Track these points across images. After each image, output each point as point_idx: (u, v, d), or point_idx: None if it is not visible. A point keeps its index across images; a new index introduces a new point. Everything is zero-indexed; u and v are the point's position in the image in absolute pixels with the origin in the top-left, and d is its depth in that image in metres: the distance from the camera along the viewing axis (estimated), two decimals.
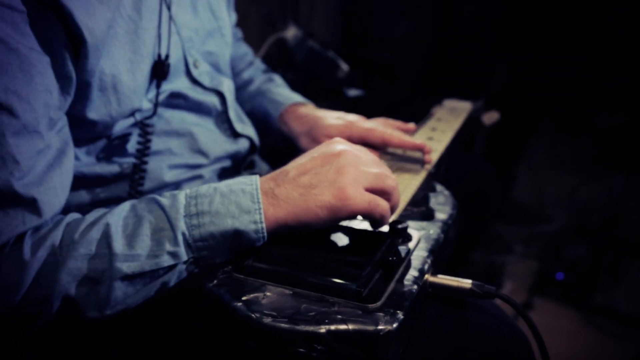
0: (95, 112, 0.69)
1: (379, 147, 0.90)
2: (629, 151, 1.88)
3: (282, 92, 1.05)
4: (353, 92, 1.49)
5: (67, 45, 0.62)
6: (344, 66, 1.45)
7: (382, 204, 0.62)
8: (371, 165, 0.63)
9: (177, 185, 0.82)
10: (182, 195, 0.62)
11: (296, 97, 1.04)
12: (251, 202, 0.61)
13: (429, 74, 2.77)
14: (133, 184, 0.78)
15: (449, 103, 1.23)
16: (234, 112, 0.92)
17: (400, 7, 3.46)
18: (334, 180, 0.61)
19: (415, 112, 1.16)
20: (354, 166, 0.62)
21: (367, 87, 1.52)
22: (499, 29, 1.88)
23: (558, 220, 2.31)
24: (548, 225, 2.27)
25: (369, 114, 0.98)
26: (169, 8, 0.77)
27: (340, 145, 0.66)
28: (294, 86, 1.17)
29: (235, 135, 0.91)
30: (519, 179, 2.41)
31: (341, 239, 0.66)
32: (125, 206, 0.63)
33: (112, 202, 0.77)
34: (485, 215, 1.16)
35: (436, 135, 1.01)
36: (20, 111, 0.57)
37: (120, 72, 0.69)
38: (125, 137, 0.77)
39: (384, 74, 1.92)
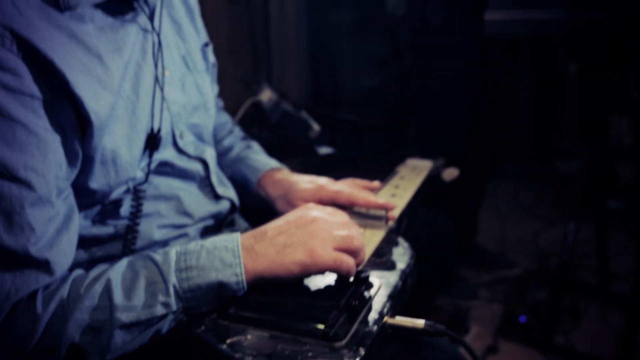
0: (96, 182, 0.79)
1: (347, 207, 1.01)
2: (579, 197, 2.02)
3: (259, 158, 1.16)
4: (324, 150, 1.61)
5: (76, 126, 0.73)
6: (316, 126, 1.58)
7: (348, 261, 0.73)
8: (341, 228, 0.75)
9: (165, 243, 0.92)
10: (173, 252, 0.72)
11: (272, 163, 1.15)
12: (233, 257, 0.71)
13: (394, 131, 2.91)
14: (126, 243, 0.87)
15: (412, 162, 1.35)
16: (216, 177, 1.03)
17: (366, 63, 3.65)
18: (306, 241, 0.72)
19: (381, 167, 1.28)
20: (324, 230, 0.73)
21: (337, 145, 1.65)
22: (462, 86, 2.01)
23: (521, 265, 2.43)
24: (511, 269, 2.39)
25: (340, 169, 1.09)
26: (161, 88, 0.88)
27: (314, 211, 0.77)
28: (269, 144, 1.29)
29: (217, 197, 1.02)
30: (484, 225, 2.54)
31: (312, 286, 0.76)
32: (123, 262, 0.72)
33: (107, 259, 0.86)
34: (446, 264, 1.27)
35: (398, 192, 1.13)
36: (37, 185, 0.67)
37: (119, 147, 0.80)
38: (119, 202, 0.86)
39: (352, 132, 2.04)
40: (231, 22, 2.28)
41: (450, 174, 1.37)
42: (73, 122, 0.72)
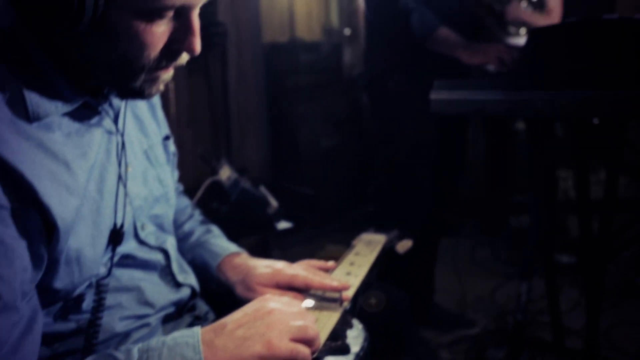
0: (60, 282, 0.82)
1: (303, 290, 1.06)
2: (529, 253, 2.10)
3: (219, 243, 1.20)
4: (282, 225, 1.67)
5: (42, 232, 0.76)
6: (274, 203, 1.64)
7: (304, 352, 0.77)
8: (297, 319, 0.79)
9: (126, 334, 0.94)
10: (135, 350, 0.75)
11: (232, 248, 1.19)
12: (193, 353, 0.74)
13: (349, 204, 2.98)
14: (88, 337, 0.89)
15: (366, 236, 1.41)
16: (177, 265, 1.06)
17: (326, 124, 3.76)
18: (263, 333, 0.76)
19: (339, 240, 1.33)
20: (281, 322, 0.78)
21: (296, 219, 1.70)
22: (419, 150, 2.09)
23: (480, 323, 2.49)
24: (471, 329, 2.44)
25: (298, 245, 1.14)
26: (124, 185, 0.93)
27: (271, 302, 0.82)
28: (229, 219, 1.33)
29: (177, 285, 1.05)
30: (442, 284, 2.60)
31: None
32: None
33: (69, 354, 0.88)
34: (402, 339, 1.32)
35: (353, 270, 1.18)
36: (3, 292, 0.70)
37: (84, 246, 0.83)
38: (81, 297, 0.89)
39: (310, 205, 2.11)
40: (191, 93, 2.34)
41: (404, 245, 1.43)
42: (40, 228, 0.76)
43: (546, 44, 1.30)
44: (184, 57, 0.86)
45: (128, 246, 0.96)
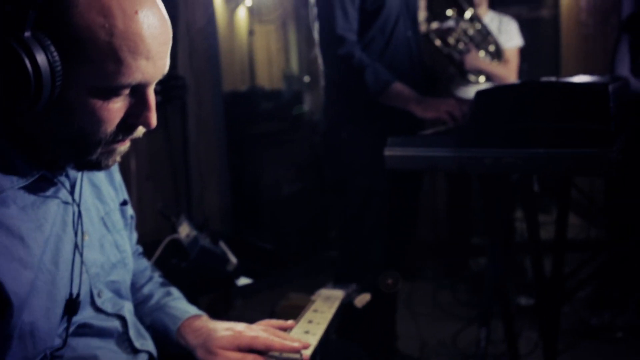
0: (12, 357, 0.81)
1: (264, 352, 1.07)
2: (486, 296, 2.14)
3: (179, 306, 1.20)
4: (242, 281, 1.67)
5: None
6: (233, 259, 1.64)
7: None
8: None
9: None
10: None
11: (192, 311, 1.20)
12: None
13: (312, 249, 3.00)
14: None
15: (325, 292, 1.43)
16: (134, 331, 1.06)
17: (287, 171, 3.79)
18: None
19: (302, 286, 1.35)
20: None
21: (256, 274, 1.71)
22: (375, 199, 2.13)
23: None
24: None
25: (260, 292, 1.16)
26: (81, 254, 0.93)
27: None
28: (188, 276, 1.33)
29: (135, 351, 1.05)
30: (404, 329, 2.61)
31: None
32: None
33: None
34: None
35: (312, 327, 1.20)
36: None
37: (38, 319, 0.83)
38: None
39: (270, 260, 2.12)
40: (150, 147, 2.35)
41: (362, 300, 1.45)
42: None
43: (492, 104, 1.37)
44: (140, 131, 0.89)
45: (84, 315, 0.95)
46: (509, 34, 3.32)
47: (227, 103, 3.66)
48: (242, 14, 5.65)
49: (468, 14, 3.16)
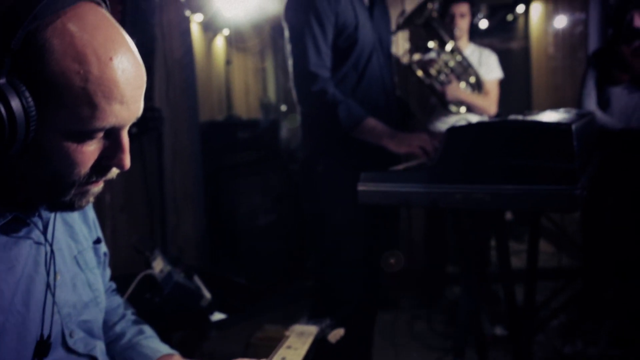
0: None
1: None
2: (461, 326, 2.16)
3: (151, 345, 1.20)
4: (216, 317, 1.67)
5: None
6: (207, 295, 1.64)
7: None
8: None
9: None
10: None
11: (164, 350, 1.19)
12: None
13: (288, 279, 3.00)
14: None
15: (298, 327, 1.43)
16: None
17: (264, 200, 3.79)
18: None
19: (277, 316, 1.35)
20: None
21: (230, 309, 1.71)
22: (351, 232, 2.14)
23: None
24: None
25: (236, 324, 1.15)
26: (53, 294, 0.93)
27: None
28: (162, 311, 1.33)
29: None
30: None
31: None
32: None
33: None
34: None
35: None
36: None
37: None
38: None
39: (245, 295, 2.12)
40: (126, 178, 2.35)
41: (336, 335, 1.46)
42: None
43: (462, 141, 1.41)
44: (114, 172, 0.90)
45: (55, 356, 0.95)
46: (489, 67, 3.41)
47: (203, 133, 3.67)
48: (219, 43, 5.71)
49: (449, 46, 3.24)
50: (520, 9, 6.60)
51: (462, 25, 3.35)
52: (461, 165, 1.39)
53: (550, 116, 1.52)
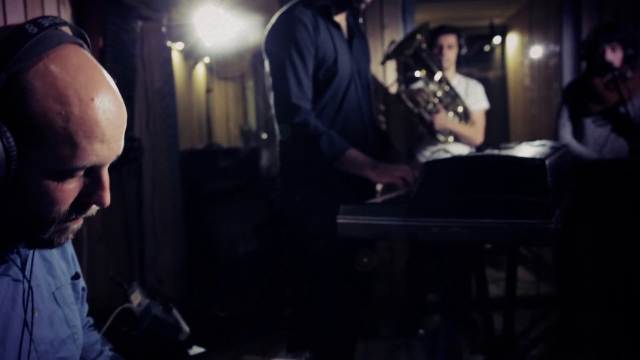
0: None
1: None
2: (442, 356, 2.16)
3: None
4: (195, 350, 1.65)
5: None
6: (186, 329, 1.63)
7: None
8: None
9: None
10: None
11: None
12: None
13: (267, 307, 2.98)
14: None
15: None
16: None
17: (243, 229, 3.79)
18: None
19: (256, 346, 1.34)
20: None
21: (209, 343, 1.70)
22: (329, 264, 2.15)
23: None
24: None
25: (215, 354, 1.14)
26: (30, 332, 0.92)
27: None
28: (140, 345, 1.31)
29: None
30: None
31: None
32: None
33: None
34: None
35: None
36: None
37: None
38: None
39: (225, 328, 2.10)
40: (105, 209, 2.33)
41: None
42: None
43: (440, 175, 1.43)
44: (94, 209, 0.90)
45: None
46: (475, 97, 3.47)
47: (184, 161, 3.67)
48: (200, 71, 5.74)
49: (437, 76, 3.30)
50: (496, 39, 6.76)
51: (450, 56, 3.42)
52: (438, 199, 1.41)
53: (525, 150, 1.56)
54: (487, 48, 7.37)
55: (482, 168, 1.37)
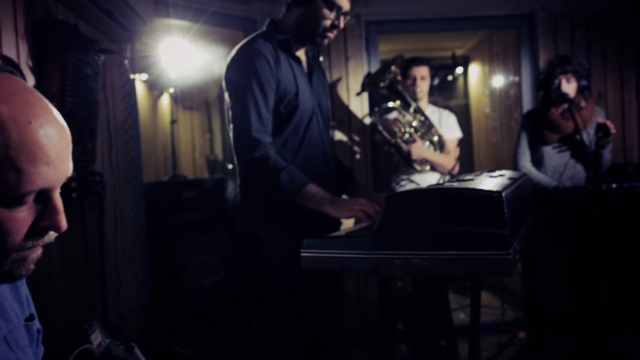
0: None
1: None
2: None
3: None
4: None
5: None
6: None
7: None
8: None
9: None
10: None
11: None
12: None
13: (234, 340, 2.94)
14: None
15: None
16: None
17: (209, 261, 3.74)
18: None
19: None
20: None
21: None
22: (291, 299, 2.13)
23: None
24: None
25: None
26: None
27: None
28: None
29: None
30: None
31: None
32: None
33: None
34: None
35: None
36: None
37: None
38: None
39: None
40: (64, 243, 2.28)
41: None
42: None
43: (401, 207, 1.45)
44: (51, 235, 0.89)
45: None
46: (449, 127, 3.56)
47: (148, 193, 3.62)
48: (165, 101, 5.72)
49: (412, 106, 3.37)
50: (459, 70, 6.92)
51: (423, 87, 3.51)
52: (400, 231, 1.42)
53: (484, 182, 1.59)
54: (450, 78, 7.54)
55: (441, 200, 1.39)
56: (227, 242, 4.06)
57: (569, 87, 3.19)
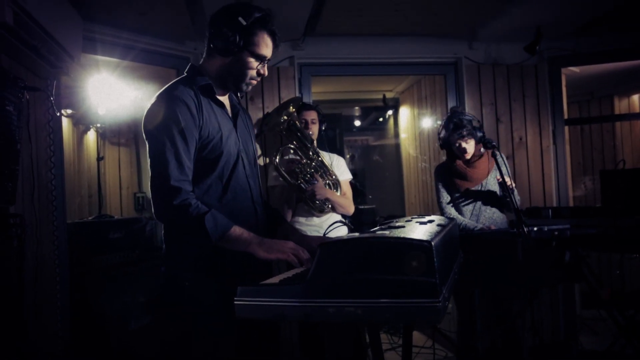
0: None
1: None
2: None
3: None
4: None
5: None
6: None
7: None
8: None
9: None
10: None
11: None
12: None
13: None
14: None
15: None
16: None
17: (134, 306, 3.62)
18: None
19: None
20: None
21: None
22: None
23: None
24: None
25: None
26: None
27: None
28: None
29: None
30: None
31: None
32: None
33: None
34: None
35: None
36: None
37: None
38: None
39: None
40: None
41: None
42: None
43: (334, 256, 1.45)
44: None
45: None
46: (340, 169, 3.68)
47: (72, 234, 3.48)
48: (91, 137, 5.56)
49: (310, 148, 3.44)
50: (389, 111, 7.13)
51: (314, 129, 3.65)
52: (333, 279, 1.43)
53: (414, 230, 1.63)
54: (381, 119, 7.75)
55: (373, 249, 1.41)
56: (155, 284, 3.94)
57: (468, 145, 3.45)
